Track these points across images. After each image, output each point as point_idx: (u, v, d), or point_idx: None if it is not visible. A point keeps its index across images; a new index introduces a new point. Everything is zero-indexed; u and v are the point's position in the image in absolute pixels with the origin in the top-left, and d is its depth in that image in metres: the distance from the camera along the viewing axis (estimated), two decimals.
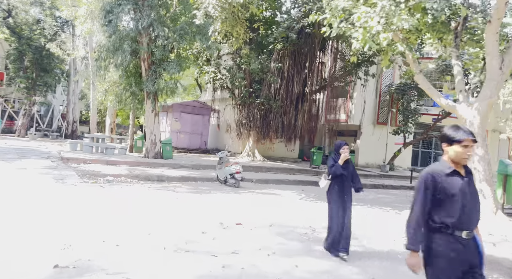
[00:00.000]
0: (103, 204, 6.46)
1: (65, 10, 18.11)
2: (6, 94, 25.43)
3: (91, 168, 10.55)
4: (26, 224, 4.71)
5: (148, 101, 13.70)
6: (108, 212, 5.82)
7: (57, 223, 4.89)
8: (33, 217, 5.10)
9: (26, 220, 4.88)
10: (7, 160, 9.43)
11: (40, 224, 4.75)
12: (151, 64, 13.30)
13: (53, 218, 5.14)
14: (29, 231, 4.43)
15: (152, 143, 14.03)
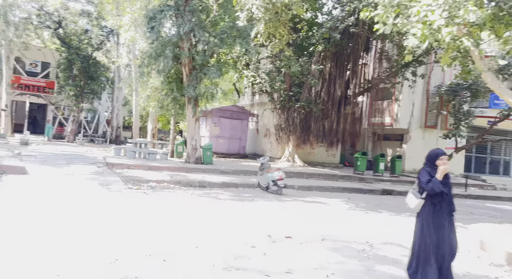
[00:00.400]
0: (147, 212, 6.33)
1: (110, 20, 18.79)
2: (57, 101, 26.89)
3: (135, 174, 10.62)
4: (74, 233, 4.62)
5: (189, 106, 13.72)
6: (153, 221, 5.65)
7: (103, 232, 4.77)
8: (80, 225, 5.03)
9: (74, 229, 4.81)
10: (57, 165, 9.72)
11: (88, 233, 4.64)
12: (192, 69, 13.31)
13: (99, 227, 5.04)
14: (77, 241, 4.32)
15: (192, 148, 14.01)
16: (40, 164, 9.53)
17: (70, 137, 23.56)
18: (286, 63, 14.79)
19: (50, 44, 25.75)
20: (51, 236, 4.42)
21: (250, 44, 12.54)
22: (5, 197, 6.26)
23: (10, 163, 8.55)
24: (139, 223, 5.46)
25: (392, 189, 13.38)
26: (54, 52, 26.07)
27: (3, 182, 7.43)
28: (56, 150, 13.61)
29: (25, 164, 9.18)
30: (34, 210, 5.62)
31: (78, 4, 22.49)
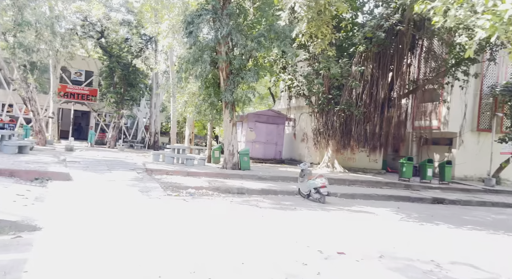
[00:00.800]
0: (188, 222, 6.07)
1: (149, 27, 19.17)
2: (99, 108, 27.95)
3: (173, 180, 10.52)
4: (115, 243, 4.42)
5: (226, 111, 13.53)
6: (194, 232, 5.37)
7: (145, 243, 4.54)
8: (122, 235, 4.84)
9: (116, 239, 4.61)
10: (99, 171, 9.82)
11: (129, 244, 4.42)
12: (229, 73, 13.12)
13: (140, 237, 4.83)
14: (118, 252, 4.10)
15: (230, 154, 13.79)
16: (83, 170, 9.67)
17: (111, 143, 24.31)
18: (325, 65, 14.25)
19: (93, 54, 26.87)
20: (93, 245, 4.25)
21: (288, 46, 12.16)
22: (50, 203, 6.26)
23: (55, 169, 8.70)
24: (181, 234, 5.19)
25: (443, 197, 12.38)
26: (96, 61, 27.17)
27: (48, 188, 7.51)
28: (98, 155, 13.92)
29: (69, 170, 9.33)
30: (77, 218, 5.53)
31: (119, 14, 23.29)
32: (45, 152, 13.79)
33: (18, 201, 5.81)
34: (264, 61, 14.72)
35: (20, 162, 9.47)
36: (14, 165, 8.82)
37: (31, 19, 17.66)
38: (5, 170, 7.83)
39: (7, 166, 8.42)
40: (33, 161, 10.14)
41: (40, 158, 11.19)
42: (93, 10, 20.08)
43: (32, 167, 8.79)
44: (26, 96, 18.27)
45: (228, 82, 12.83)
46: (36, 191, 6.93)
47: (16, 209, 5.31)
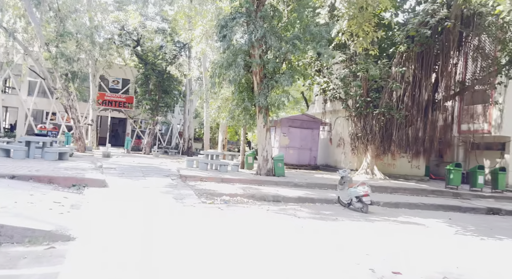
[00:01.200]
0: (224, 233, 5.73)
1: (182, 34, 19.35)
2: (135, 115, 28.67)
3: (208, 187, 10.29)
4: (152, 256, 4.15)
5: (260, 116, 13.21)
6: (232, 245, 5.01)
7: (180, 256, 4.23)
8: (158, 246, 4.57)
9: (152, 250, 4.35)
10: (134, 178, 9.78)
11: (164, 258, 4.13)
12: (263, 77, 12.82)
13: (176, 250, 4.53)
14: (152, 267, 3.81)
15: (264, 160, 13.42)
16: (118, 177, 9.66)
17: (146, 149, 24.75)
18: (364, 66, 13.58)
19: (130, 62, 27.64)
20: (127, 257, 4.00)
21: (324, 47, 11.68)
22: (85, 211, 6.16)
23: (92, 176, 8.72)
24: (218, 247, 4.85)
25: (499, 207, 11.26)
26: (133, 69, 27.94)
27: (84, 195, 7.48)
28: (133, 162, 14.04)
29: (105, 176, 9.35)
30: (111, 228, 5.35)
31: (154, 22, 23.80)
32: (84, 158, 14.11)
33: (54, 208, 5.74)
34: (298, 64, 14.28)
35: (59, 169, 9.61)
36: (54, 171, 8.94)
37: (72, 30, 18.38)
38: (44, 176, 7.92)
39: (47, 172, 8.53)
40: (71, 167, 10.29)
41: (78, 164, 11.39)
42: (129, 19, 20.60)
43: (70, 173, 8.86)
44: (67, 104, 18.96)
45: (262, 86, 12.52)
46: (72, 198, 6.89)
47: (51, 217, 5.21)
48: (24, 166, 9.38)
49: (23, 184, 7.27)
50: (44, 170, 8.98)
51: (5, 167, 8.81)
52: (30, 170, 8.74)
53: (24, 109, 26.39)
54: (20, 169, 8.65)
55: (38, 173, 8.20)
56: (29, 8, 17.69)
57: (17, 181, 7.50)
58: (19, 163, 10.18)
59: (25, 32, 20.39)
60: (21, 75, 24.89)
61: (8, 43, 20.70)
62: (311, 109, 22.89)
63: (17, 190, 6.61)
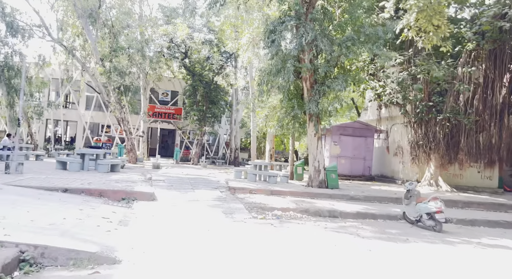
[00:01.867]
0: (281, 255, 5.06)
1: (229, 44, 19.26)
2: (183, 126, 29.18)
3: (257, 199, 9.73)
4: None
5: (310, 124, 12.46)
6: (293, 272, 4.33)
7: None
8: (207, 271, 4.03)
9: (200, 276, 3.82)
10: (183, 190, 9.49)
11: None
12: (314, 83, 12.12)
13: (229, 274, 3.96)
14: None
15: (315, 170, 12.60)
16: (167, 189, 9.43)
17: (194, 160, 24.92)
18: (425, 67, 12.35)
19: (178, 74, 28.30)
20: None
21: (381, 48, 10.73)
22: (133, 228, 5.85)
23: (141, 189, 8.54)
24: (277, 272, 4.20)
25: None
26: (181, 81, 28.56)
27: (133, 209, 7.25)
28: (182, 173, 13.92)
29: (154, 189, 9.15)
30: (159, 248, 4.94)
31: (201, 34, 24.11)
32: (134, 170, 14.26)
33: (102, 225, 5.47)
34: (350, 68, 13.37)
35: (110, 181, 9.59)
36: (105, 184, 8.90)
37: (124, 45, 19.06)
38: (95, 190, 7.84)
39: (98, 185, 8.49)
40: (122, 179, 10.28)
41: (129, 176, 11.41)
42: (177, 32, 20.99)
43: (120, 186, 8.76)
44: (120, 117, 19.59)
45: (313, 93, 11.80)
46: (121, 213, 6.65)
47: (98, 236, 4.91)
48: (77, 179, 9.48)
49: (74, 198, 7.19)
50: (95, 182, 8.98)
51: (60, 180, 8.92)
52: (82, 182, 8.76)
53: (82, 123, 27.95)
54: (73, 182, 8.70)
55: (90, 186, 8.16)
56: (86, 26, 18.64)
57: (69, 195, 7.46)
58: (73, 175, 10.37)
59: (82, 50, 21.57)
60: (79, 90, 26.42)
61: (68, 60, 22.00)
62: (363, 116, 21.61)
63: (68, 204, 6.50)
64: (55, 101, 27.23)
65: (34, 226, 4.66)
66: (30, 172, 10.32)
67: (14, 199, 6.08)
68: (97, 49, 18.92)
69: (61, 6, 20.49)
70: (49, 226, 4.76)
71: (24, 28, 20.26)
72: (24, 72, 10.11)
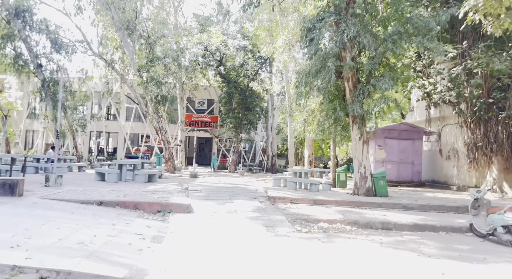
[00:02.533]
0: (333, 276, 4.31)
1: (263, 48, 18.78)
2: (219, 134, 29.04)
3: (300, 210, 8.99)
4: None
5: (354, 127, 11.54)
6: None
7: None
8: None
9: None
10: (220, 201, 8.96)
11: None
12: (356, 82, 11.23)
13: None
14: None
15: (361, 177, 11.62)
16: (204, 200, 8.95)
17: (231, 168, 24.57)
18: (483, 61, 11.04)
19: (214, 83, 28.31)
20: None
21: (434, 41, 9.66)
22: (167, 246, 5.35)
23: (177, 200, 8.12)
24: None
25: None
26: (216, 89, 28.53)
27: (169, 223, 6.80)
28: (219, 182, 13.48)
29: (191, 200, 8.70)
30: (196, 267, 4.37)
31: (236, 40, 23.89)
32: (172, 180, 14.03)
33: (134, 242, 5.01)
34: (395, 65, 12.32)
35: (146, 192, 9.29)
36: (141, 196, 8.59)
37: (160, 55, 19.19)
38: (130, 202, 7.50)
39: (133, 197, 8.18)
40: (158, 190, 9.96)
41: (165, 186, 11.11)
42: (212, 39, 20.87)
43: (156, 197, 8.39)
44: (158, 127, 19.68)
45: (356, 93, 10.92)
46: (155, 228, 6.21)
47: (129, 255, 4.43)
48: (114, 190, 9.27)
49: (108, 211, 6.87)
50: (131, 194, 8.69)
51: (97, 192, 8.73)
52: (118, 194, 8.51)
53: (123, 134, 28.67)
54: (109, 194, 8.46)
55: (125, 198, 7.85)
56: (124, 38, 19.00)
57: (103, 208, 7.17)
58: (111, 186, 10.22)
59: (121, 62, 22.08)
60: (119, 102, 27.12)
61: (108, 73, 22.61)
62: (409, 118, 20.16)
63: (101, 218, 6.16)
64: (98, 114, 28.19)
65: (61, 245, 4.27)
66: (69, 183, 10.31)
67: (47, 215, 5.82)
68: (135, 60, 19.20)
69: (101, 21, 21.13)
70: (77, 246, 4.36)
71: (67, 44, 21.11)
72: (62, 83, 10.18)
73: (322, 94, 10.88)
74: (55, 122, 20.67)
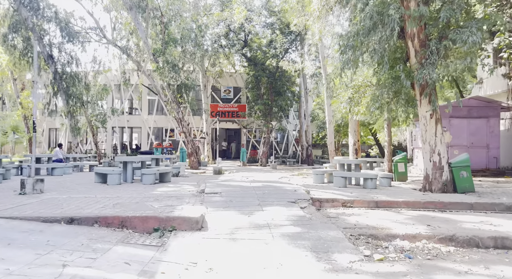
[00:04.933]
0: None
1: (294, 20, 15.93)
2: (248, 124, 26.57)
3: (359, 218, 6.32)
4: None
5: (423, 101, 8.58)
6: None
7: None
8: None
9: None
10: (245, 208, 6.43)
11: None
12: (425, 39, 8.24)
13: None
14: None
15: (435, 167, 8.68)
16: (223, 208, 6.45)
17: (262, 161, 22.09)
18: None
19: (239, 68, 25.80)
20: None
21: None
22: None
23: (183, 212, 5.68)
24: None
25: None
26: (243, 76, 26.02)
27: (166, 250, 4.40)
28: (247, 179, 10.99)
29: (205, 208, 6.26)
30: None
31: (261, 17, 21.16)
32: (190, 178, 11.72)
33: None
34: (475, 14, 9.11)
35: (148, 198, 6.96)
36: (138, 204, 6.27)
37: (177, 36, 16.91)
38: (114, 217, 5.16)
39: (124, 208, 5.85)
40: (166, 194, 7.62)
41: (178, 188, 8.77)
42: (235, 16, 18.27)
43: (156, 207, 6.02)
44: (178, 117, 17.52)
45: (427, 53, 7.93)
46: (139, 265, 3.79)
47: None
48: (107, 197, 7.03)
49: (76, 235, 4.56)
50: (126, 203, 6.38)
51: (80, 201, 6.50)
52: (107, 204, 6.22)
53: (146, 128, 26.94)
54: (95, 204, 6.20)
55: (110, 211, 5.53)
56: (136, 19, 16.91)
57: (73, 228, 4.87)
58: (108, 190, 8.02)
59: (137, 48, 20.11)
60: (139, 93, 25.37)
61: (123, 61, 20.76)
62: (476, 92, 16.58)
63: (53, 252, 3.84)
64: (119, 108, 26.64)
65: None
66: (59, 188, 8.23)
67: None
68: (149, 43, 17.07)
69: (113, 4, 19.19)
70: None
71: (79, 32, 19.39)
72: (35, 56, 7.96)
73: (379, 57, 7.99)
74: (70, 118, 19.10)
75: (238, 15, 18.29)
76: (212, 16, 19.07)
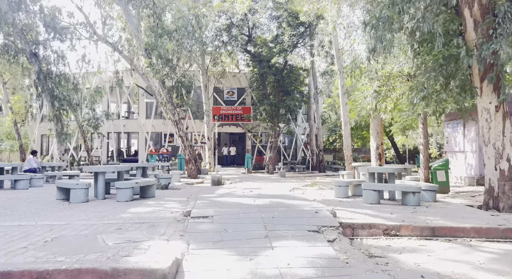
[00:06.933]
0: None
1: (304, 7, 13.86)
2: (253, 127, 24.47)
3: (420, 259, 4.13)
4: None
5: (486, 89, 6.39)
6: None
7: None
8: None
9: None
10: (245, 243, 4.25)
11: None
12: (488, 5, 6.09)
13: None
14: None
15: (502, 177, 6.48)
16: (213, 245, 4.24)
17: (269, 168, 19.89)
18: None
19: (243, 67, 23.78)
20: None
21: None
22: None
23: (149, 255, 3.55)
24: None
25: None
26: (247, 76, 24.00)
27: None
28: (250, 192, 8.80)
29: (185, 245, 4.12)
30: None
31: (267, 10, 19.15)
32: (181, 191, 9.57)
33: None
34: None
35: (108, 227, 4.84)
36: (86, 240, 4.18)
37: (171, 28, 14.97)
38: (21, 274, 3.02)
39: (56, 249, 3.77)
40: (137, 219, 5.50)
41: (159, 207, 6.62)
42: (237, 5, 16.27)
43: (110, 245, 3.90)
44: (174, 120, 15.48)
45: (495, 22, 5.76)
46: None
47: None
48: (51, 224, 4.94)
49: None
50: (67, 237, 4.27)
51: None
52: (35, 241, 4.12)
53: (144, 133, 24.99)
54: (20, 240, 4.10)
55: (20, 260, 3.42)
56: (125, 9, 15.02)
57: None
58: (64, 212, 5.93)
59: (129, 45, 18.24)
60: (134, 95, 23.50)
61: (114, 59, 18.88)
62: None
63: None
64: (114, 112, 24.74)
65: None
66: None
67: None
68: (141, 37, 15.13)
69: None
70: None
71: (66, 28, 17.57)
72: None
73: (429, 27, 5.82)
74: (56, 121, 17.18)
75: (241, 5, 16.28)
76: (212, 8, 17.09)
